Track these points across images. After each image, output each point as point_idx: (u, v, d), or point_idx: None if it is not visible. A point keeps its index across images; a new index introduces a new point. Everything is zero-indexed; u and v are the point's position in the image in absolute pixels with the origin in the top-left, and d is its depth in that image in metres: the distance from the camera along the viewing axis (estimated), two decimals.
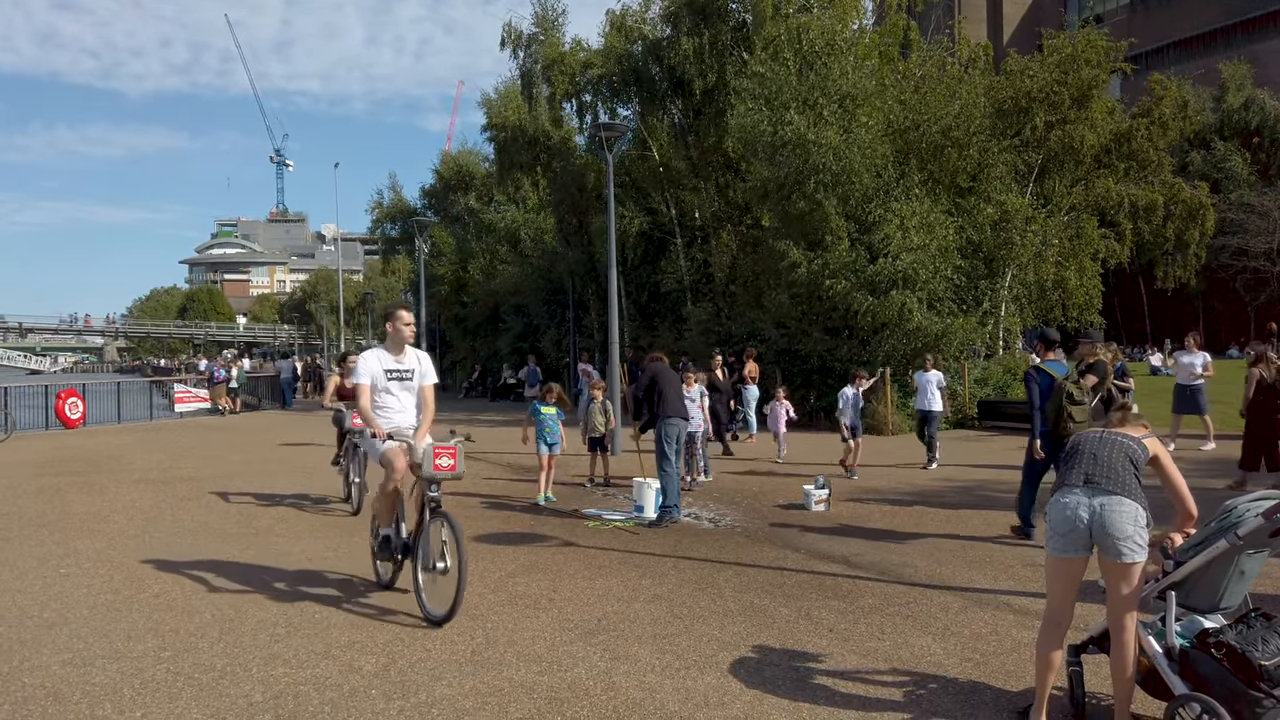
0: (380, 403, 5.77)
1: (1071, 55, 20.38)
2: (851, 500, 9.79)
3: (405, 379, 5.84)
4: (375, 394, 5.75)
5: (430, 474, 5.31)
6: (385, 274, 74.86)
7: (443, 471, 5.31)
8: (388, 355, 5.81)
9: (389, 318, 5.81)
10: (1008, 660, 4.64)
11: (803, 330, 18.87)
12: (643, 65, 23.80)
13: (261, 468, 13.36)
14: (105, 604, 5.91)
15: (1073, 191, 21.34)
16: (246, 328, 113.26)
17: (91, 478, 12.37)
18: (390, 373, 5.78)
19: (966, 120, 18.78)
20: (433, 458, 5.29)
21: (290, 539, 8.04)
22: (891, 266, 17.01)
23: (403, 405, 5.83)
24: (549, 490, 10.05)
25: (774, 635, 5.10)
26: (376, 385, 5.75)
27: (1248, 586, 3.67)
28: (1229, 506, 3.61)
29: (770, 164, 18.60)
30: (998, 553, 7.15)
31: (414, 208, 44.31)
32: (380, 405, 5.77)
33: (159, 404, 27.29)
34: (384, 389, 5.77)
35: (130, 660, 4.78)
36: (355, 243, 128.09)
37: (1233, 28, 50.03)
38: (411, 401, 5.88)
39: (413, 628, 5.31)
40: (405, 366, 5.84)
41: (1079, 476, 3.64)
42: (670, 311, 24.98)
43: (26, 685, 4.42)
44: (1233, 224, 32.88)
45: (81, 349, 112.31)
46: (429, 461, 5.30)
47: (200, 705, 4.14)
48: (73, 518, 9.20)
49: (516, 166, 30.45)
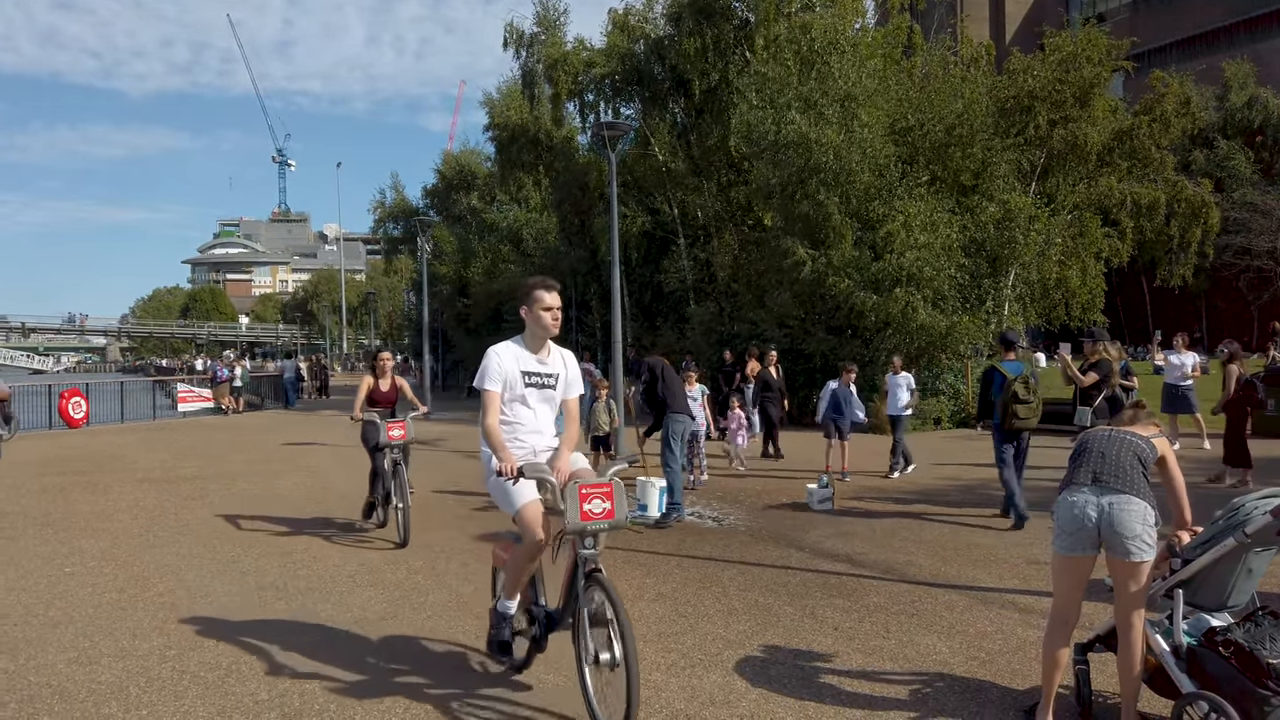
0: (510, 415, 4.20)
1: (1073, 54, 20.36)
2: (855, 500, 9.79)
3: (547, 386, 4.28)
4: (504, 405, 4.18)
5: (578, 525, 3.74)
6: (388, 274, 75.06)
7: (596, 521, 3.75)
8: (526, 352, 4.24)
9: (527, 299, 4.20)
10: (1013, 659, 4.63)
11: (806, 329, 18.87)
12: (645, 64, 23.80)
13: (264, 467, 13.37)
14: (110, 602, 5.92)
15: (1076, 190, 21.31)
16: (249, 328, 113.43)
17: (95, 477, 12.38)
18: (529, 376, 4.21)
19: (970, 119, 18.77)
20: (579, 501, 3.74)
21: (294, 537, 8.05)
22: (895, 264, 17.00)
23: (539, 422, 4.29)
24: None
25: (779, 634, 5.10)
26: (509, 393, 4.18)
27: (1255, 584, 3.66)
28: (1236, 504, 3.60)
29: (773, 163, 18.61)
30: (1002, 551, 7.14)
31: (416, 207, 44.36)
32: (509, 418, 4.19)
33: (162, 404, 27.32)
34: (519, 398, 4.21)
35: (136, 658, 4.78)
36: (357, 242, 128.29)
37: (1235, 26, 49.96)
38: (550, 417, 4.35)
39: (417, 627, 5.32)
40: (549, 370, 4.27)
41: (1087, 475, 3.63)
42: (673, 311, 24.97)
43: (33, 683, 4.42)
44: (1236, 223, 32.86)
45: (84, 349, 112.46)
46: (575, 507, 3.74)
47: (206, 703, 4.14)
48: (77, 517, 9.21)
49: (518, 166, 30.47)
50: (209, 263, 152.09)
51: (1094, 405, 8.54)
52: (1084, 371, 8.74)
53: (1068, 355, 9.32)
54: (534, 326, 4.22)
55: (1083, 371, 8.75)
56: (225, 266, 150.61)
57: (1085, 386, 8.63)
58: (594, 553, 3.81)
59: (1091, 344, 8.97)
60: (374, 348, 78.73)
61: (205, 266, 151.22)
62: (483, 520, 8.84)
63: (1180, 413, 13.08)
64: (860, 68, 18.68)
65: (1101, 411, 8.49)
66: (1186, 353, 13.15)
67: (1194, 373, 13.03)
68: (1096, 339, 9.02)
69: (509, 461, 3.85)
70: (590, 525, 3.74)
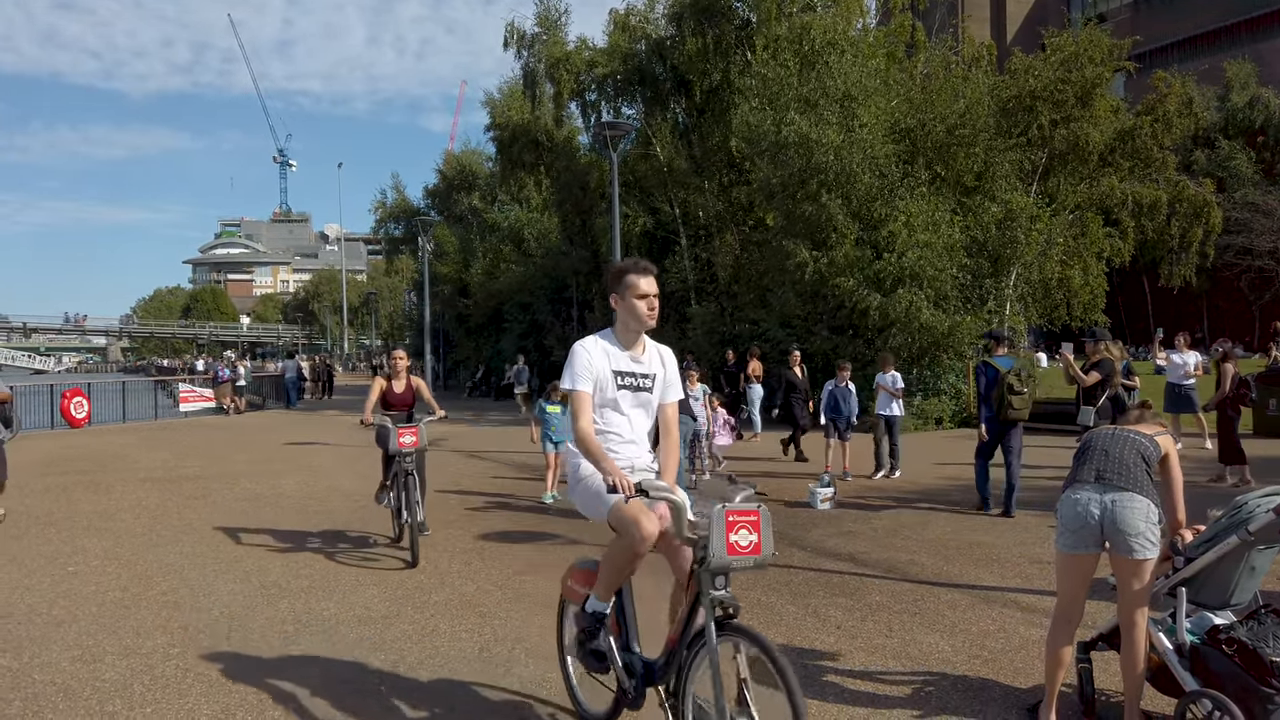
0: (600, 422, 3.51)
1: (1075, 54, 20.35)
2: (857, 499, 9.79)
3: (642, 389, 3.58)
4: (594, 410, 3.51)
5: (724, 561, 3.00)
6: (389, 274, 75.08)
7: (742, 556, 3.03)
8: (617, 348, 3.56)
9: (618, 285, 3.54)
10: (1016, 657, 4.63)
11: (808, 329, 18.88)
12: (647, 64, 23.82)
13: (266, 466, 13.38)
14: (114, 601, 5.93)
15: (1077, 190, 21.31)
16: (250, 328, 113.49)
17: (97, 476, 12.40)
18: (622, 377, 3.54)
19: (972, 119, 18.77)
20: (725, 530, 3.01)
21: (297, 536, 8.06)
22: (897, 264, 17.01)
23: (634, 431, 3.61)
24: (555, 489, 10.06)
25: (782, 632, 5.10)
26: (599, 396, 3.52)
27: (1258, 582, 3.67)
28: (1239, 502, 3.61)
29: (774, 164, 18.63)
30: (1004, 550, 7.14)
31: (417, 207, 44.42)
32: (599, 426, 3.50)
33: (164, 403, 27.34)
34: (610, 402, 3.53)
35: (140, 657, 4.79)
36: (358, 243, 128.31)
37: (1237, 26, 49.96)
38: (646, 425, 3.66)
39: (421, 625, 5.32)
40: (645, 370, 3.59)
41: (1090, 473, 3.63)
42: (674, 311, 24.98)
43: (37, 681, 4.43)
44: (1237, 223, 32.86)
45: (85, 349, 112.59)
46: (721, 537, 3.00)
47: (210, 701, 4.15)
48: (80, 516, 9.22)
49: (520, 166, 30.50)
50: (210, 263, 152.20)
51: (1097, 405, 8.56)
52: (1086, 371, 8.75)
53: (1070, 355, 9.34)
54: (627, 318, 3.56)
55: (1084, 371, 8.77)
56: (226, 267, 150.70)
57: (1087, 386, 8.64)
58: (727, 594, 3.04)
59: (1093, 344, 8.99)
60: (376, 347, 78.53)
61: (206, 266, 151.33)
62: (484, 520, 8.86)
63: (1183, 412, 13.10)
64: (860, 67, 18.69)
65: (1104, 411, 8.51)
66: (1189, 352, 13.17)
67: (1196, 372, 13.05)
68: (1098, 339, 9.04)
69: (619, 476, 3.11)
70: (736, 561, 3.02)
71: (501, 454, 14.34)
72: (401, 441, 7.18)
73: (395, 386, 7.87)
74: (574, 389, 3.47)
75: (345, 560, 7.10)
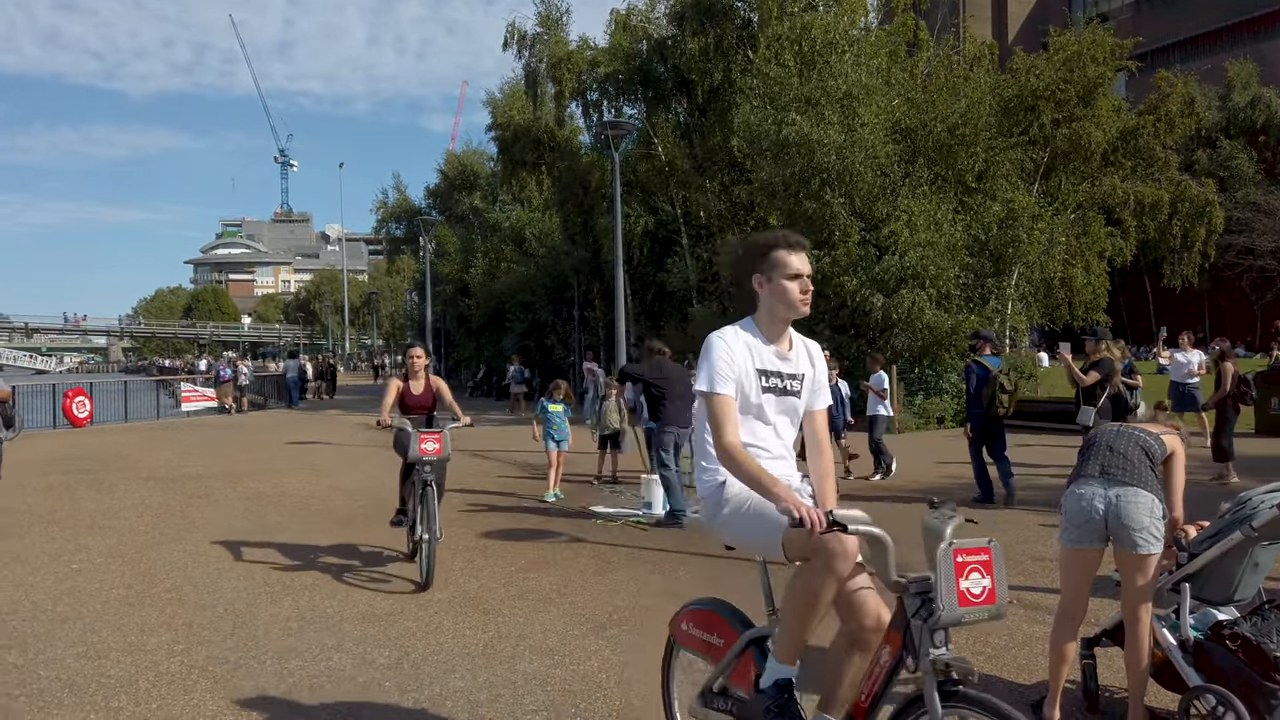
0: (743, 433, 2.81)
1: (1078, 53, 20.37)
2: (859, 498, 9.79)
3: (789, 392, 2.90)
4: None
5: (955, 614, 2.39)
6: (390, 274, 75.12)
7: (975, 606, 2.42)
8: (761, 341, 2.87)
9: (763, 262, 2.87)
10: (1019, 654, 4.64)
11: (810, 328, 18.88)
12: (648, 64, 23.84)
13: (269, 466, 13.39)
14: (118, 599, 5.94)
15: (1079, 189, 21.32)
16: (251, 328, 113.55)
17: (100, 475, 12.41)
18: (767, 377, 2.86)
19: (973, 119, 18.79)
20: (955, 575, 2.42)
21: (300, 534, 8.07)
22: (899, 264, 17.02)
23: (781, 442, 2.93)
24: (557, 487, 10.07)
25: None
26: (742, 401, 2.81)
27: (1262, 579, 3.67)
28: (1243, 498, 3.61)
29: (775, 163, 18.63)
30: (1006, 548, 7.10)
31: (418, 207, 44.45)
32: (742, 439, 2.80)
33: (165, 403, 27.37)
34: (752, 409, 2.84)
35: (144, 653, 4.80)
36: (360, 243, 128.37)
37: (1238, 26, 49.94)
38: (791, 437, 2.97)
39: (424, 622, 5.33)
40: (793, 369, 2.92)
41: (1095, 468, 3.64)
42: (676, 310, 25.00)
43: (42, 677, 4.44)
44: (1239, 223, 32.84)
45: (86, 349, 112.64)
46: (950, 584, 2.40)
47: (215, 697, 4.16)
48: (83, 514, 9.24)
49: (521, 166, 30.51)
50: (211, 263, 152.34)
51: (1097, 405, 8.55)
52: (1085, 371, 8.75)
53: (1068, 355, 9.34)
54: (775, 303, 2.85)
55: (1084, 371, 8.76)
56: (228, 267, 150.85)
57: (1087, 386, 8.64)
58: (948, 654, 2.39)
59: (1093, 343, 8.99)
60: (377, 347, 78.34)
61: (208, 267, 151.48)
62: (487, 518, 8.87)
63: (1188, 410, 13.10)
64: (861, 66, 18.70)
65: (1104, 411, 8.50)
66: (1193, 351, 13.19)
67: (1200, 370, 13.07)
68: (1099, 338, 9.03)
69: (802, 507, 2.42)
70: (969, 614, 2.39)
71: (504, 453, 14.35)
72: (423, 448, 6.37)
73: (413, 387, 7.07)
74: (713, 392, 2.75)
75: (348, 558, 7.11)
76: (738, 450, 2.69)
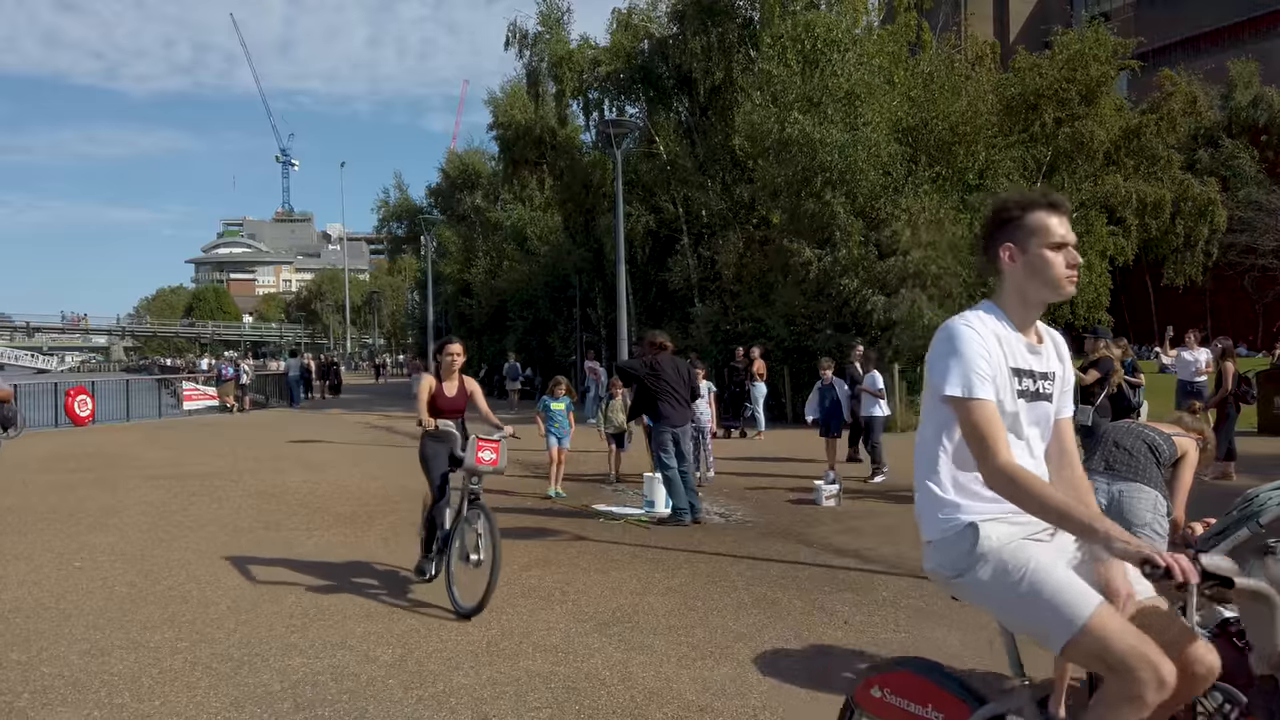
0: None
1: (1080, 52, 20.37)
2: (862, 496, 9.79)
3: (1042, 396, 2.31)
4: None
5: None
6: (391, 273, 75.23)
7: None
8: (1010, 330, 2.30)
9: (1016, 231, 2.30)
10: (1024, 652, 4.62)
11: (812, 327, 18.88)
12: (650, 63, 23.85)
13: (272, 464, 13.39)
14: (120, 596, 5.93)
15: (1081, 188, 21.31)
16: (253, 327, 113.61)
17: (102, 474, 12.42)
18: (1020, 377, 2.27)
19: (975, 118, 18.78)
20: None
21: (303, 532, 8.07)
22: (902, 263, 17.01)
23: (1035, 461, 2.30)
24: (559, 485, 10.06)
25: (789, 627, 5.10)
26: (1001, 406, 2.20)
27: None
28: (1250, 495, 3.60)
29: (778, 162, 18.63)
30: None
31: (420, 207, 44.47)
32: None
33: (167, 402, 27.35)
34: (1006, 419, 2.21)
35: (147, 650, 4.80)
36: (361, 242, 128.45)
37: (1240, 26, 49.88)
38: (1043, 445, 2.35)
39: (428, 619, 5.33)
40: (1044, 366, 2.34)
41: (1100, 463, 3.64)
42: (677, 309, 24.99)
43: (45, 674, 4.44)
44: (1241, 222, 32.79)
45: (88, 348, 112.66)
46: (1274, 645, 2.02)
47: (218, 694, 4.16)
48: (85, 513, 9.23)
49: (522, 165, 30.57)
50: (213, 262, 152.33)
51: (1096, 403, 8.54)
52: (1085, 370, 8.74)
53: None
54: (1030, 282, 2.28)
55: (1084, 370, 8.75)
56: (229, 266, 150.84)
57: (1086, 385, 8.63)
58: None
59: (1093, 341, 8.98)
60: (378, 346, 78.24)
61: (209, 266, 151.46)
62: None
63: None
64: (864, 65, 18.70)
65: (1104, 410, 8.49)
66: (1199, 349, 13.17)
67: (1207, 369, 13.05)
68: (1099, 337, 9.03)
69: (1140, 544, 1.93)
70: None
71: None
72: (480, 457, 5.51)
73: (446, 389, 6.02)
74: (971, 397, 2.12)
75: (350, 556, 7.11)
76: (1021, 472, 2.05)
